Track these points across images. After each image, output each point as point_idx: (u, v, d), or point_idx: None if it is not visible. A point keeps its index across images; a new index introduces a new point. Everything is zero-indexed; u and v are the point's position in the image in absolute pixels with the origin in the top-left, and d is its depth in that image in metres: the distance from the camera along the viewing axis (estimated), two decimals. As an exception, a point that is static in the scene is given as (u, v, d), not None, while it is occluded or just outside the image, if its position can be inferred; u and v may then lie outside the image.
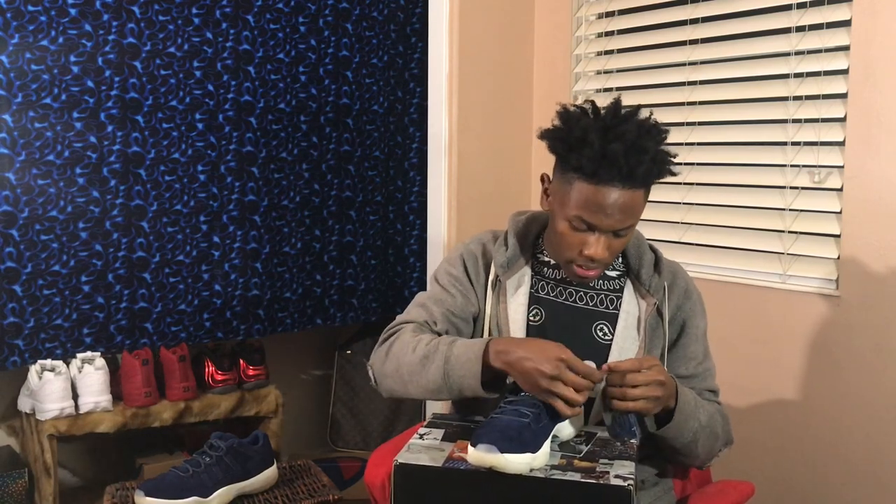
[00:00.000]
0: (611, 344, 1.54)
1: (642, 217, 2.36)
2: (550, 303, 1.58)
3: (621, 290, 1.58)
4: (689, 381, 1.56)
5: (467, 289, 1.61)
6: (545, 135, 1.49)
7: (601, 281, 1.58)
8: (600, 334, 1.55)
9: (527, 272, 1.60)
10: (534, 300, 1.58)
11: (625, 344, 1.53)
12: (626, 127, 1.41)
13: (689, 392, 1.48)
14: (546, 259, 1.61)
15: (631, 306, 1.56)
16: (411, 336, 1.52)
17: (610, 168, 1.38)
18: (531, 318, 1.57)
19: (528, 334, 1.55)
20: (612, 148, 1.37)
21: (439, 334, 1.55)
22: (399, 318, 1.62)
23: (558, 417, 1.37)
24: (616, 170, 1.38)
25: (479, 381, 1.41)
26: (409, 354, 1.49)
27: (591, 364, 1.39)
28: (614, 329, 1.55)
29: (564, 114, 1.48)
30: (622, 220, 1.43)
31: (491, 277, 1.59)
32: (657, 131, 1.45)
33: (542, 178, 1.56)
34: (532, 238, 1.63)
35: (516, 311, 1.57)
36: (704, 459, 1.55)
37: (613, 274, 1.60)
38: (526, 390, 1.38)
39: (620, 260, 1.61)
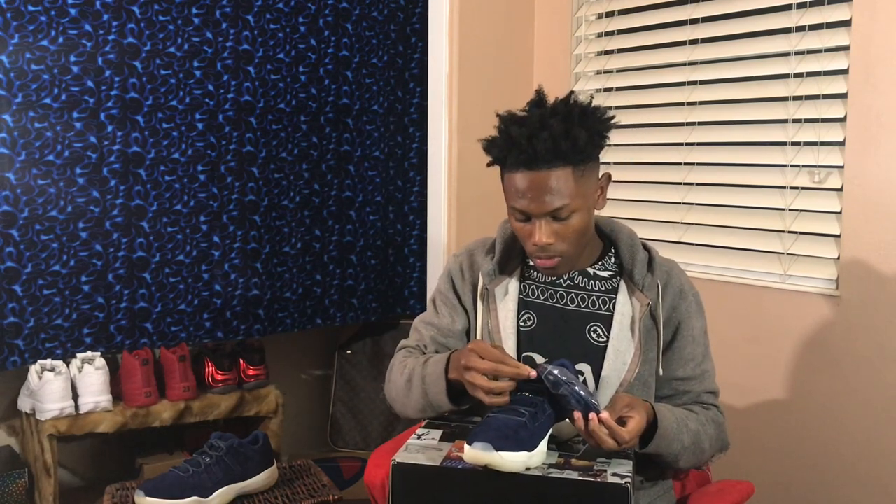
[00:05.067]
0: (606, 346, 1.51)
1: (641, 217, 2.42)
2: (541, 306, 1.57)
3: (615, 290, 1.55)
4: (688, 384, 1.55)
5: (455, 305, 1.63)
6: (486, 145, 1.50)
7: (593, 281, 1.56)
8: (594, 336, 1.53)
9: (515, 277, 1.59)
10: (524, 305, 1.57)
11: (620, 346, 1.51)
12: (531, 112, 1.44)
13: (670, 416, 1.43)
14: None
15: (625, 307, 1.53)
16: (401, 361, 1.58)
17: (516, 152, 1.40)
18: (522, 324, 1.56)
19: (519, 340, 1.55)
20: (512, 131, 1.41)
21: None
22: (401, 342, 1.67)
23: (557, 417, 1.36)
24: (519, 152, 1.40)
25: (447, 397, 1.45)
26: (399, 379, 1.55)
27: (523, 359, 1.43)
28: (609, 331, 1.52)
29: None
30: (550, 201, 1.41)
31: (480, 287, 1.59)
32: (573, 111, 1.42)
33: None
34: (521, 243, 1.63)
35: (506, 317, 1.56)
36: (689, 470, 1.56)
37: (606, 274, 1.57)
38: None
39: (613, 260, 1.58)
